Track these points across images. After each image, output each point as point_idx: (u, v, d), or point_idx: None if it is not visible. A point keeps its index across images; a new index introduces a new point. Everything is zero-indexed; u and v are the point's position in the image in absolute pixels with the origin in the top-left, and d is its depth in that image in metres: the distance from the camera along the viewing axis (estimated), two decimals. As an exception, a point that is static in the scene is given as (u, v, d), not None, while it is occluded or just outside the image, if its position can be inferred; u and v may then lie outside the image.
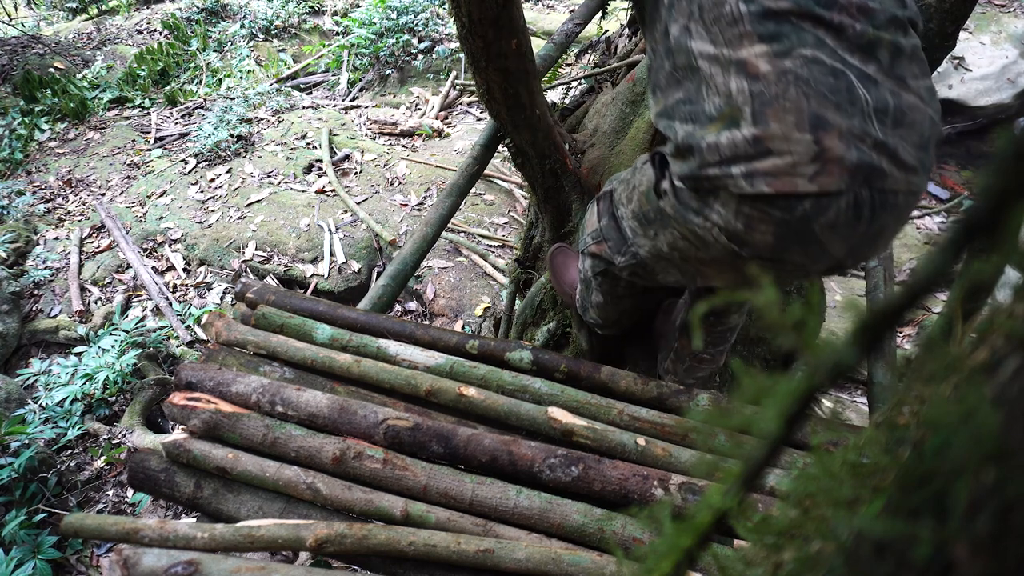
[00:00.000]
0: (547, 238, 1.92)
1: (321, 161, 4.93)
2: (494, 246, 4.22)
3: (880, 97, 0.77)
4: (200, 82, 6.84)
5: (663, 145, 0.96)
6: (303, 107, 5.94)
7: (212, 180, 4.90)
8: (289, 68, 7.02)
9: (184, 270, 4.29)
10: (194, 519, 1.10)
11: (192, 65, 7.10)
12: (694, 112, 0.84)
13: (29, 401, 3.36)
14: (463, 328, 3.69)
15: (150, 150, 5.55)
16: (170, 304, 3.96)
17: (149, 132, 5.85)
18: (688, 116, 0.85)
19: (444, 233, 2.71)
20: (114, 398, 3.41)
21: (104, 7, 8.64)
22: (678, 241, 0.98)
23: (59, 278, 4.23)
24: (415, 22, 6.33)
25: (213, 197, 4.73)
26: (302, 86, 6.79)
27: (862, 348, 0.24)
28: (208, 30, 7.58)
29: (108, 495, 3.05)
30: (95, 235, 4.62)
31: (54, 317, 3.97)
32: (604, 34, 2.41)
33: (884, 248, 0.89)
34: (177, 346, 3.70)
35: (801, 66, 0.76)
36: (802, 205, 0.78)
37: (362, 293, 3.84)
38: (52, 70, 6.69)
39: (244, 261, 4.18)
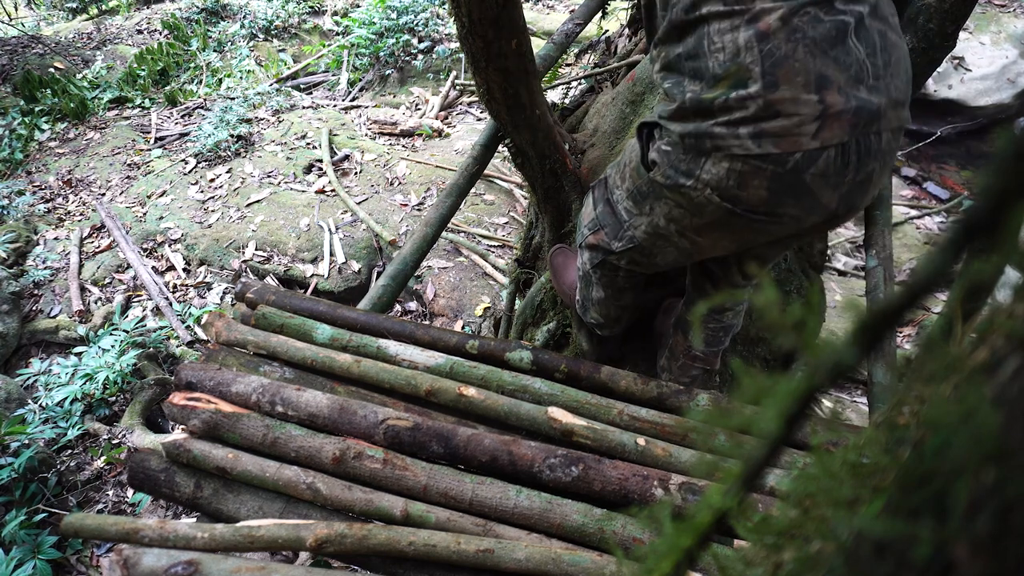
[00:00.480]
0: (547, 238, 1.92)
1: (321, 161, 4.93)
2: (494, 246, 4.22)
3: (870, 40, 0.80)
4: (200, 82, 6.84)
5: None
6: (303, 107, 5.94)
7: (212, 180, 4.90)
8: (289, 68, 7.02)
9: (184, 270, 4.29)
10: (194, 519, 1.10)
11: (192, 65, 7.10)
12: (698, 68, 0.84)
13: (29, 401, 3.36)
14: (463, 328, 3.69)
15: (150, 150, 5.55)
16: (170, 304, 3.96)
17: (149, 132, 5.85)
18: (694, 72, 0.85)
19: (444, 233, 2.71)
20: (114, 398, 3.41)
21: (104, 7, 8.64)
22: (673, 210, 0.99)
23: (59, 278, 4.23)
24: (415, 22, 6.33)
25: (213, 197, 4.73)
26: (302, 86, 6.79)
27: (862, 348, 0.24)
28: (208, 30, 7.58)
29: (108, 495, 3.05)
30: (95, 235, 4.62)
31: (54, 317, 3.97)
32: (604, 34, 2.41)
33: (873, 195, 0.91)
34: (177, 346, 3.70)
35: (808, 23, 0.77)
36: (793, 157, 0.80)
37: (362, 293, 3.84)
38: (52, 70, 6.69)
39: (244, 261, 4.18)
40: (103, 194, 5.06)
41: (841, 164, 0.81)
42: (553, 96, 3.90)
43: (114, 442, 3.17)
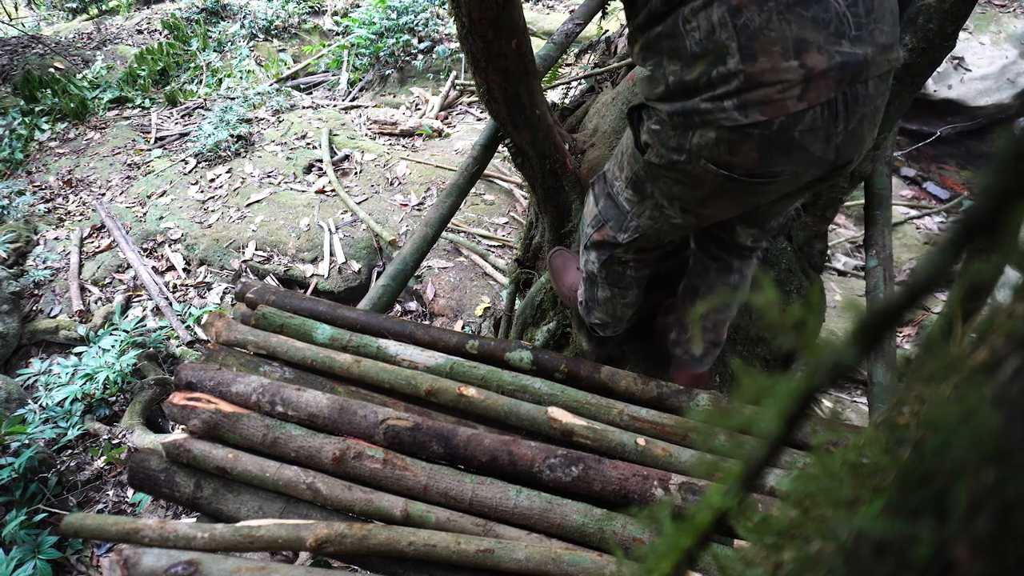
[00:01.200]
0: (547, 238, 1.92)
1: (321, 161, 4.93)
2: (494, 246, 4.22)
3: None
4: (200, 82, 6.84)
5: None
6: (303, 107, 5.94)
7: (212, 180, 4.90)
8: (289, 68, 7.02)
9: (184, 270, 4.29)
10: (194, 519, 1.10)
11: (192, 65, 7.10)
12: (675, 48, 0.85)
13: (29, 401, 3.36)
14: (463, 328, 3.69)
15: (150, 150, 5.55)
16: (170, 304, 3.96)
17: (149, 132, 5.85)
18: (672, 52, 0.86)
19: (444, 233, 2.71)
20: (114, 398, 3.41)
21: (104, 7, 8.64)
22: (673, 188, 1.00)
23: (59, 278, 4.23)
24: (415, 22, 6.33)
25: (213, 197, 4.73)
26: (302, 86, 6.79)
27: (862, 348, 0.24)
28: (208, 30, 7.58)
29: (108, 495, 3.05)
30: (95, 235, 4.62)
31: (54, 317, 3.97)
32: (604, 34, 2.41)
33: (870, 141, 0.91)
34: (177, 346, 3.70)
35: None
36: (778, 120, 0.81)
37: (362, 293, 3.84)
38: (52, 70, 6.69)
39: (244, 261, 4.18)
40: (103, 194, 5.06)
41: (830, 117, 0.82)
42: (553, 96, 3.89)
43: (114, 442, 3.17)
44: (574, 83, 2.53)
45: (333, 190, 4.63)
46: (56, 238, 4.56)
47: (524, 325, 2.04)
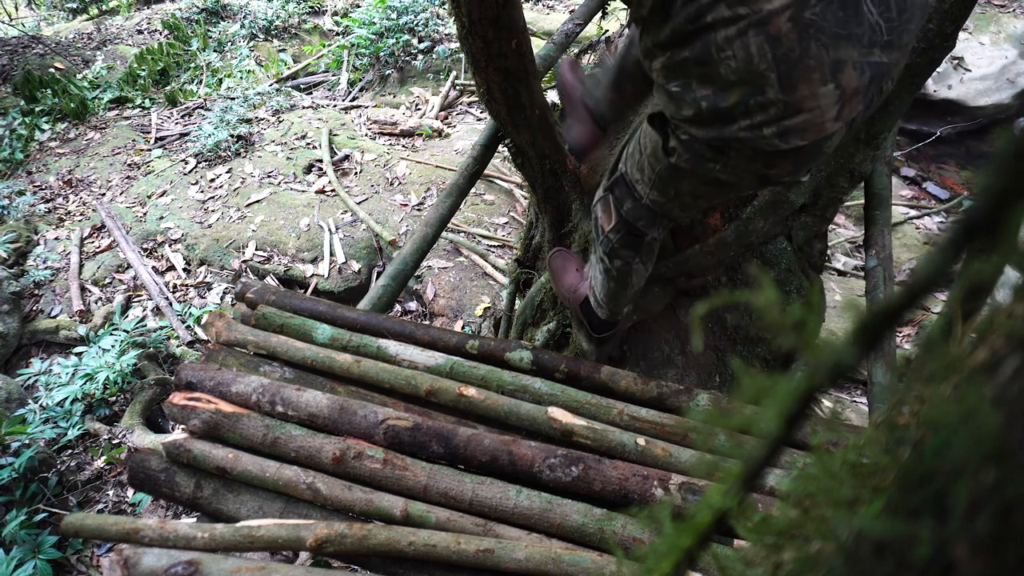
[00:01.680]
0: (547, 238, 1.92)
1: (321, 161, 4.92)
2: (494, 246, 4.22)
3: None
4: (200, 82, 6.83)
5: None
6: (303, 107, 5.94)
7: (212, 180, 4.90)
8: (289, 68, 7.02)
9: (184, 270, 4.29)
10: (194, 519, 1.10)
11: (192, 65, 7.10)
12: (707, 74, 0.83)
13: (29, 401, 3.36)
14: (463, 328, 3.69)
15: (150, 150, 5.55)
16: (170, 304, 3.96)
17: (149, 132, 5.85)
18: (704, 77, 0.84)
19: (444, 233, 2.71)
20: (114, 398, 3.41)
21: (104, 7, 8.63)
22: (699, 188, 1.04)
23: (59, 278, 4.23)
24: (415, 22, 6.33)
25: (213, 197, 4.73)
26: (302, 86, 6.78)
27: (862, 348, 0.24)
28: (208, 30, 7.58)
29: (108, 495, 3.05)
30: (95, 235, 4.62)
31: (54, 317, 3.97)
32: (604, 34, 2.41)
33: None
34: (177, 346, 3.70)
35: (820, 13, 0.75)
36: (816, 140, 0.85)
37: (362, 293, 3.83)
38: (52, 70, 6.69)
39: (244, 261, 4.18)
40: (103, 194, 5.06)
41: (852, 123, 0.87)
42: (553, 96, 3.89)
43: (114, 442, 3.17)
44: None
45: (333, 190, 4.63)
46: (56, 238, 4.56)
47: (524, 325, 2.04)
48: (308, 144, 5.18)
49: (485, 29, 1.21)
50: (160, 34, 7.73)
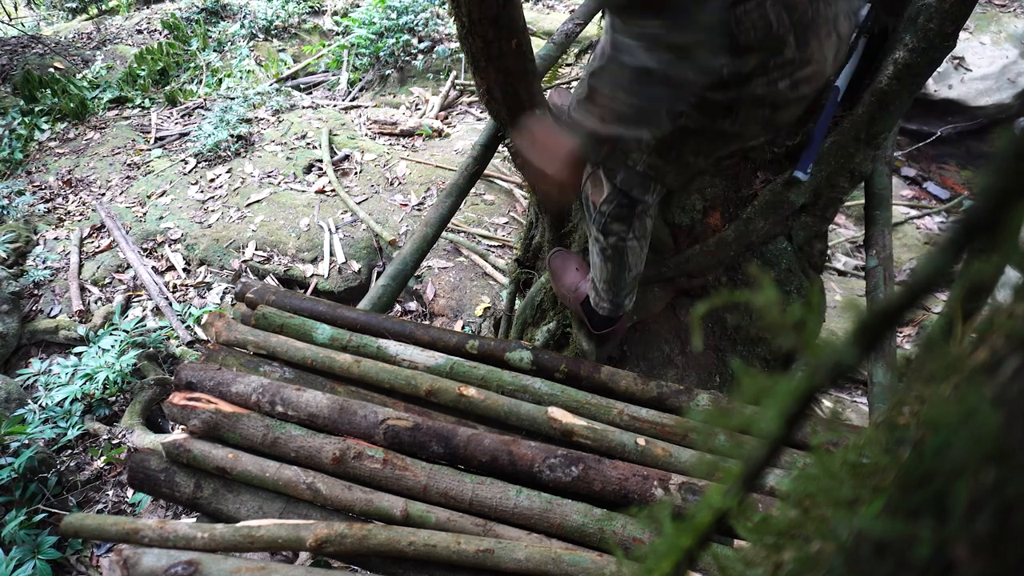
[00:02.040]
0: (547, 238, 1.92)
1: (321, 161, 4.92)
2: (494, 246, 4.22)
3: None
4: (200, 82, 6.83)
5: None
6: (303, 107, 5.94)
7: (212, 180, 4.90)
8: (289, 68, 7.02)
9: (184, 270, 4.28)
10: (194, 519, 1.10)
11: (192, 65, 7.10)
12: (719, 46, 0.89)
13: (29, 401, 3.36)
14: (463, 328, 3.68)
15: (150, 150, 5.55)
16: (170, 304, 3.96)
17: (149, 132, 5.85)
18: (718, 48, 0.89)
19: (444, 233, 2.71)
20: (114, 398, 3.41)
21: (104, 7, 8.63)
22: (702, 145, 1.10)
23: (59, 278, 4.23)
24: (415, 22, 6.33)
25: (213, 197, 4.73)
26: (302, 86, 6.78)
27: (862, 348, 0.24)
28: (208, 30, 7.58)
29: (108, 495, 3.04)
30: (95, 235, 4.61)
31: (54, 317, 3.97)
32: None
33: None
34: (177, 346, 3.70)
35: None
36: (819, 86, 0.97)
37: (362, 293, 3.83)
38: (52, 70, 6.68)
39: (244, 261, 4.18)
40: (103, 194, 5.06)
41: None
42: (553, 96, 3.88)
43: (114, 442, 3.17)
44: (574, 83, 2.53)
45: (333, 190, 4.63)
46: (56, 238, 4.56)
47: (524, 325, 2.04)
48: (308, 144, 5.18)
49: (485, 29, 1.21)
50: (160, 34, 7.73)
